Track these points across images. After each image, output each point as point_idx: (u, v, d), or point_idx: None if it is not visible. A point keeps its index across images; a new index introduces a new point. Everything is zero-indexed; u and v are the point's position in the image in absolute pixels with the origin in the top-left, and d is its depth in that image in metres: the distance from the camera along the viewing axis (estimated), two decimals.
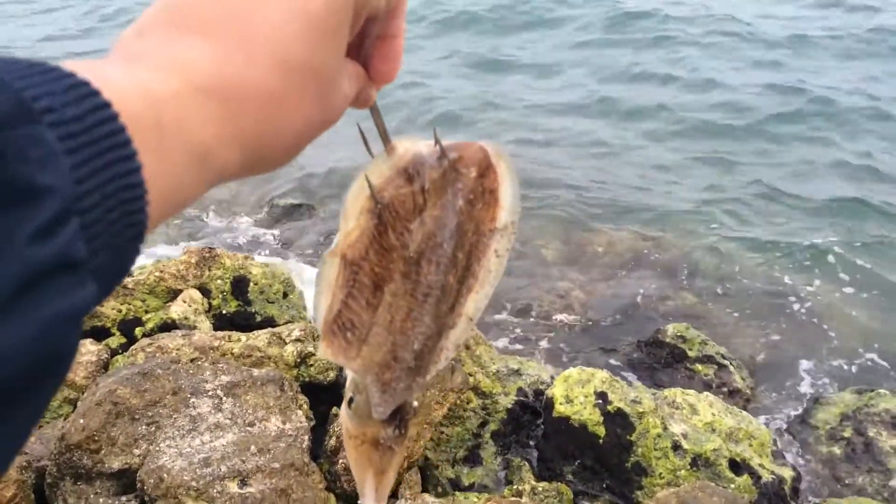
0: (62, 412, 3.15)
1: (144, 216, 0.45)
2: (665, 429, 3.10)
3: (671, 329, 4.07)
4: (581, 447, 3.18)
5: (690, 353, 3.93)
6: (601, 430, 3.15)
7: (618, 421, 3.16)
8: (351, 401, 0.84)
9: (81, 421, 2.53)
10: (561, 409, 3.23)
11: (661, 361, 3.95)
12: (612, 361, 3.99)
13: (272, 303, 4.11)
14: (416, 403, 0.86)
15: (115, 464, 2.48)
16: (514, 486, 3.03)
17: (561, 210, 5.93)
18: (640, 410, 3.15)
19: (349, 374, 0.84)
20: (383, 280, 0.80)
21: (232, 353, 3.26)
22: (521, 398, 3.53)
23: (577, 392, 3.27)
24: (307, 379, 3.34)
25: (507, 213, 0.84)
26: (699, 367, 3.85)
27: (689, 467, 3.01)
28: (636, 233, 5.54)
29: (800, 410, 3.70)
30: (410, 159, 0.80)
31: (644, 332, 4.23)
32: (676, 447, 3.06)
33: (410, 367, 0.82)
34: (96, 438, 2.50)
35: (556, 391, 3.30)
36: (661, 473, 3.02)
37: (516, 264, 5.07)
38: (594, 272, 5.00)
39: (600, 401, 3.23)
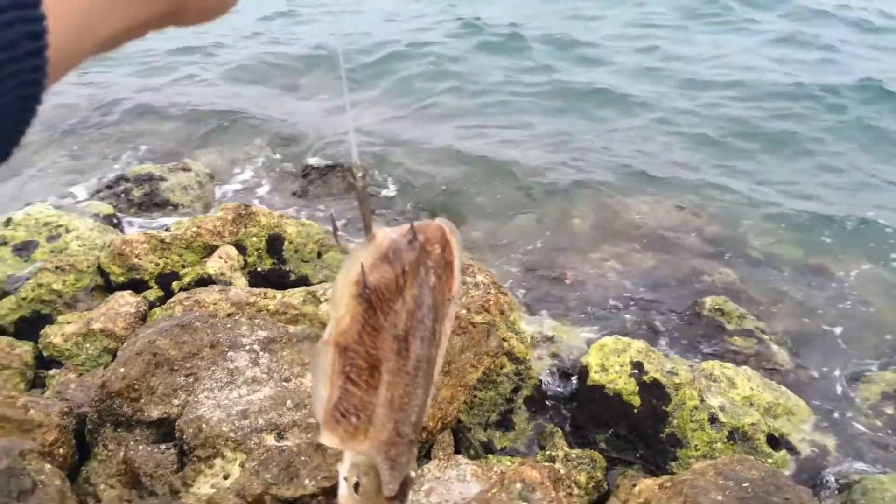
0: (102, 361, 3.18)
1: (42, 16, 0.45)
2: (702, 401, 3.07)
3: (709, 301, 4.00)
4: (615, 416, 3.15)
5: (729, 326, 3.87)
6: (636, 400, 3.12)
7: (653, 391, 3.12)
8: (357, 486, 0.85)
9: (122, 370, 2.55)
10: (595, 377, 3.20)
11: (699, 334, 3.89)
12: (648, 333, 3.94)
13: (306, 262, 4.11)
14: (413, 474, 0.87)
15: (155, 412, 2.50)
16: (547, 452, 3.02)
17: (596, 179, 5.85)
18: (677, 382, 3.11)
19: (347, 461, 0.86)
20: (379, 361, 0.83)
21: (267, 310, 3.27)
22: (556, 365, 3.51)
23: (612, 361, 3.24)
24: None
25: (458, 283, 0.91)
26: (738, 340, 3.78)
27: (725, 440, 2.98)
28: (674, 205, 5.45)
29: (840, 387, 3.63)
30: (388, 245, 0.85)
31: (681, 304, 4.16)
32: (713, 420, 3.02)
33: (411, 440, 0.85)
34: (136, 387, 2.52)
35: (591, 359, 3.27)
36: (696, 445, 2.99)
37: (551, 233, 5.02)
38: (630, 243, 4.93)
39: (636, 370, 3.20)
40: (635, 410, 3.11)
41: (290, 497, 2.25)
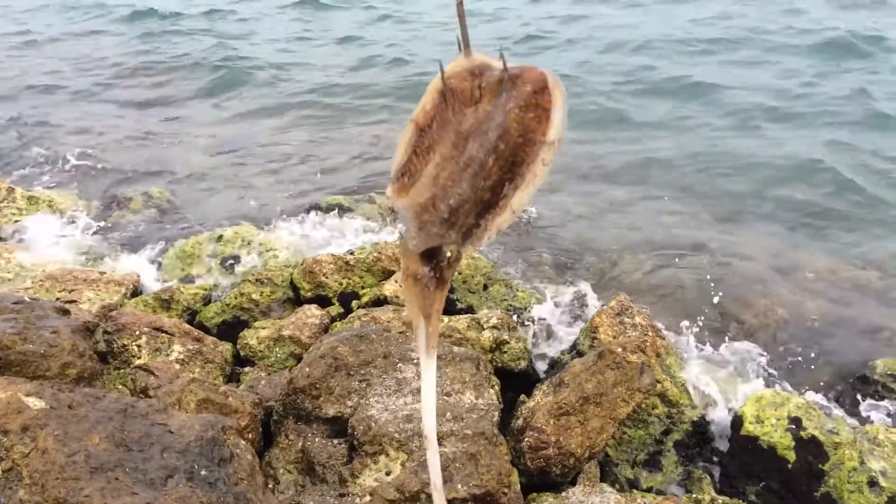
0: (288, 364, 3.59)
1: None
2: (862, 463, 2.97)
3: (881, 365, 3.83)
4: (768, 469, 3.12)
5: None
6: (791, 455, 3.07)
7: (811, 448, 3.07)
8: (401, 236, 1.10)
9: (307, 369, 2.90)
10: (750, 427, 3.19)
11: (868, 395, 3.74)
12: (811, 389, 3.83)
13: (473, 293, 4.38)
14: (448, 253, 1.09)
15: (331, 410, 2.82)
16: (694, 495, 3.05)
17: (777, 226, 5.72)
18: (836, 441, 3.04)
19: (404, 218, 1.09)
20: (436, 144, 1.07)
21: None
22: (709, 412, 3.51)
23: (768, 413, 3.21)
24: (500, 364, 3.55)
25: (556, 131, 1.03)
26: None
27: None
28: (856, 261, 5.21)
29: None
30: (479, 63, 1.07)
31: (850, 363, 4.01)
32: (873, 483, 2.92)
33: (444, 218, 1.05)
34: (317, 386, 2.86)
35: (747, 410, 3.26)
36: None
37: (718, 273, 4.96)
38: (803, 293, 4.78)
39: (793, 426, 3.15)
40: (789, 465, 3.06)
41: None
